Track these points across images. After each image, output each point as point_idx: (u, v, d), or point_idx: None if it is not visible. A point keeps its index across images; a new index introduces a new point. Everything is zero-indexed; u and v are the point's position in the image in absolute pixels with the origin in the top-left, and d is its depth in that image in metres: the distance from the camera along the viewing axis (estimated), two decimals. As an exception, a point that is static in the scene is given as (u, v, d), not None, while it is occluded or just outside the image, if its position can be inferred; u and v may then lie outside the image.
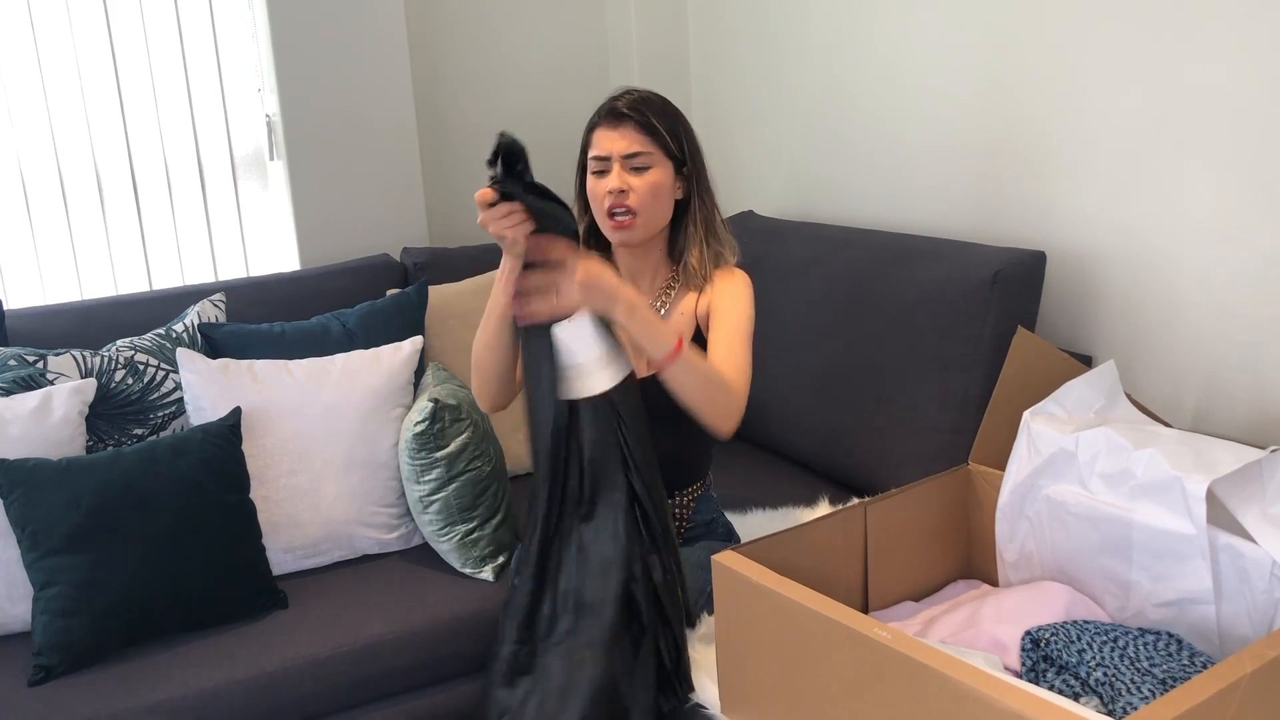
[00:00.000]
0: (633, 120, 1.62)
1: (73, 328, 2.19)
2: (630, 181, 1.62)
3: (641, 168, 1.62)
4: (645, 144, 1.62)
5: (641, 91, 1.68)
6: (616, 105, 1.64)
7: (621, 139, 1.62)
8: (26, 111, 2.45)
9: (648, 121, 1.63)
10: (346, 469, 2.00)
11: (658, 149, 1.63)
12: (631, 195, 1.62)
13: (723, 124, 2.94)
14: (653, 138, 1.63)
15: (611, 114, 1.64)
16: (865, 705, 1.17)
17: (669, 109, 1.68)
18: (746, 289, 1.70)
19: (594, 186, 1.65)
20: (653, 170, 1.63)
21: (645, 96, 1.67)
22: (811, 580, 1.30)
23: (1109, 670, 1.27)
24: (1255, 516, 1.30)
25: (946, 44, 2.17)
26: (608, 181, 1.62)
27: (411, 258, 2.56)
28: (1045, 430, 1.51)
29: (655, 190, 1.63)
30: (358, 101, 2.64)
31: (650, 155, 1.63)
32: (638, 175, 1.62)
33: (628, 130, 1.62)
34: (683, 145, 1.67)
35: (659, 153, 1.63)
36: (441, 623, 1.84)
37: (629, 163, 1.62)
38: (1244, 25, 1.63)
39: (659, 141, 1.63)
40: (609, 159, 1.63)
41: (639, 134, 1.62)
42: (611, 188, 1.62)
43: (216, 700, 1.67)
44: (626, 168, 1.62)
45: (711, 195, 1.72)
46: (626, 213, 1.62)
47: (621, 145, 1.62)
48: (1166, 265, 1.81)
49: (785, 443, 2.31)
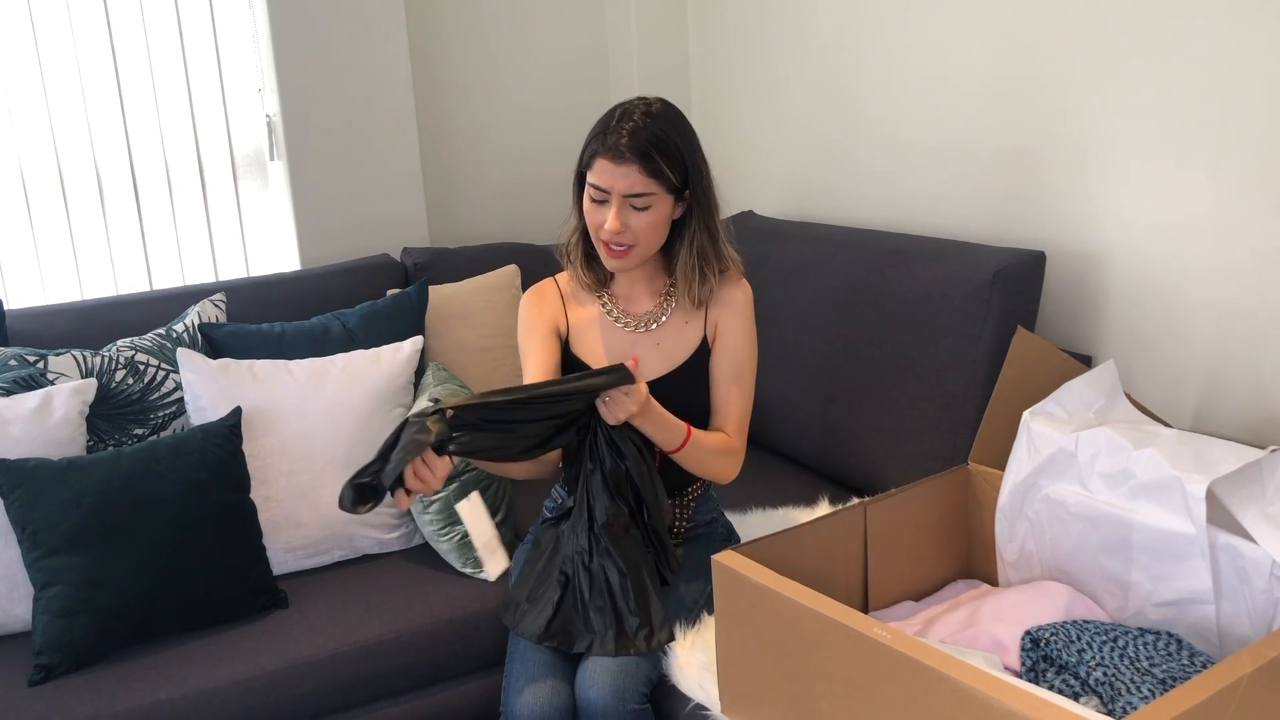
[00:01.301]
0: (637, 163, 1.56)
1: (73, 328, 2.20)
2: (629, 220, 1.59)
3: (642, 207, 1.59)
4: (647, 185, 1.58)
5: (645, 119, 1.58)
6: (620, 141, 1.56)
7: (624, 178, 1.57)
8: (26, 111, 2.46)
9: (653, 164, 1.57)
10: (347, 469, 2.00)
11: (660, 188, 1.59)
12: (628, 234, 1.60)
13: (723, 124, 2.94)
14: (656, 180, 1.58)
15: (615, 151, 1.56)
16: (865, 705, 1.17)
17: (673, 135, 1.60)
18: (751, 310, 1.72)
19: (590, 213, 1.63)
20: (653, 209, 1.60)
21: (649, 130, 1.57)
22: (811, 580, 1.30)
23: (1109, 670, 1.28)
24: (1255, 516, 1.30)
25: (947, 45, 2.17)
26: (606, 217, 1.59)
27: (411, 258, 2.56)
28: (1045, 430, 1.51)
29: (653, 227, 1.62)
30: (358, 101, 2.64)
31: (652, 196, 1.59)
32: (637, 214, 1.60)
33: (630, 170, 1.57)
34: (686, 174, 1.62)
35: (661, 191, 1.60)
36: (441, 622, 1.84)
37: (629, 201, 1.59)
38: (1244, 26, 1.63)
39: (662, 182, 1.59)
40: (609, 193, 1.59)
41: (642, 176, 1.57)
42: (609, 228, 1.59)
43: (216, 700, 1.67)
44: (626, 205, 1.59)
45: (713, 215, 1.68)
46: (624, 247, 1.62)
47: (623, 185, 1.57)
48: (1167, 265, 1.81)
49: (785, 443, 2.31)
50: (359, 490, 1.36)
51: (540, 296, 1.77)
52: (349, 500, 1.36)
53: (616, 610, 1.56)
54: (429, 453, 1.38)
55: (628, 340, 1.72)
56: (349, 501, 1.36)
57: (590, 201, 1.62)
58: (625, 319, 1.73)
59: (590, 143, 1.61)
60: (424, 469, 1.38)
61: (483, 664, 1.87)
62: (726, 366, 1.71)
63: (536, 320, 1.75)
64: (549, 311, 1.76)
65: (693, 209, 1.66)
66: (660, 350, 1.72)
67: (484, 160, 2.96)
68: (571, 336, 1.75)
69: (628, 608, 1.56)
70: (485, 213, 2.97)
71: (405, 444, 1.35)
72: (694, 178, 1.63)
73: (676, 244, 1.69)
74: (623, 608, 1.57)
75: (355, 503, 1.36)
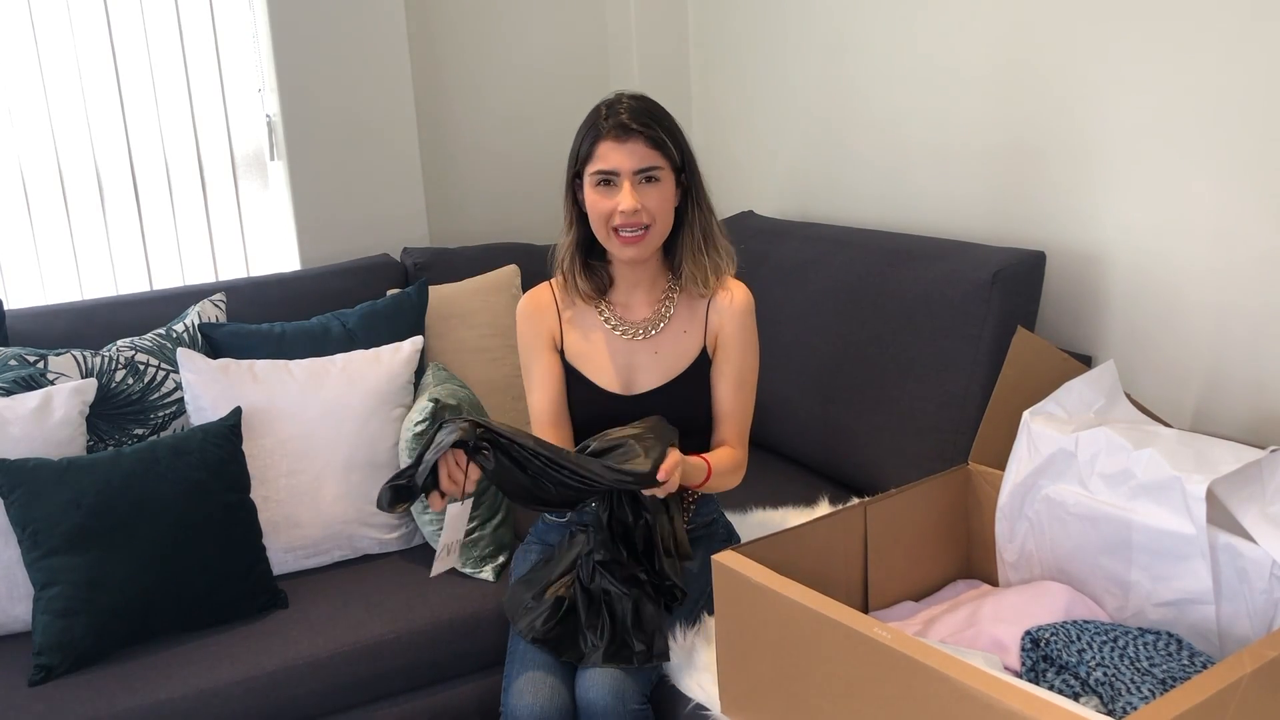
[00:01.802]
0: (641, 135, 1.58)
1: (73, 328, 2.20)
2: (643, 198, 1.59)
3: (653, 180, 1.60)
4: (655, 158, 1.59)
5: (635, 98, 1.63)
6: (621, 118, 1.59)
7: (631, 155, 1.58)
8: (26, 111, 2.46)
9: (656, 135, 1.59)
10: (347, 469, 2.00)
11: (665, 161, 1.61)
12: (644, 213, 1.60)
13: (723, 124, 2.94)
14: (661, 151, 1.60)
15: (619, 128, 1.58)
16: (865, 705, 1.17)
17: (667, 115, 1.65)
18: (752, 315, 1.71)
19: (598, 202, 1.61)
20: (662, 183, 1.61)
21: (645, 106, 1.62)
22: (811, 580, 1.30)
23: (1109, 670, 1.28)
24: (1255, 516, 1.30)
25: (947, 45, 2.17)
26: (619, 199, 1.59)
27: (411, 258, 2.56)
28: (1045, 430, 1.51)
29: (665, 204, 1.62)
30: (358, 101, 2.64)
31: (660, 169, 1.60)
32: (649, 190, 1.60)
33: (637, 145, 1.58)
34: (684, 153, 1.65)
35: (666, 165, 1.61)
36: (442, 623, 1.84)
37: (641, 177, 1.59)
38: (1244, 27, 1.63)
39: (666, 154, 1.60)
40: (617, 173, 1.59)
41: (648, 148, 1.58)
42: (625, 207, 1.58)
43: (216, 700, 1.67)
44: (638, 182, 1.59)
45: (708, 200, 1.69)
46: (640, 229, 1.61)
47: (632, 161, 1.58)
48: (1166, 265, 1.81)
49: (785, 443, 2.31)
50: (396, 491, 1.41)
51: (535, 309, 1.75)
52: (386, 500, 1.41)
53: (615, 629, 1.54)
54: (460, 454, 1.41)
55: (625, 349, 1.72)
56: (386, 502, 1.41)
57: (595, 195, 1.62)
58: (623, 326, 1.73)
59: (584, 136, 1.62)
60: (455, 470, 1.41)
61: (483, 664, 1.87)
62: (729, 375, 1.70)
63: (533, 341, 1.74)
64: (544, 328, 1.75)
65: (690, 193, 1.67)
66: (658, 359, 1.71)
67: (484, 160, 2.95)
68: (566, 345, 1.74)
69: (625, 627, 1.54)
70: (485, 213, 2.97)
71: (436, 443, 1.41)
72: (688, 159, 1.66)
73: (679, 233, 1.69)
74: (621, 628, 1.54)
75: (393, 503, 1.41)
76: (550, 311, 1.75)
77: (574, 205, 1.69)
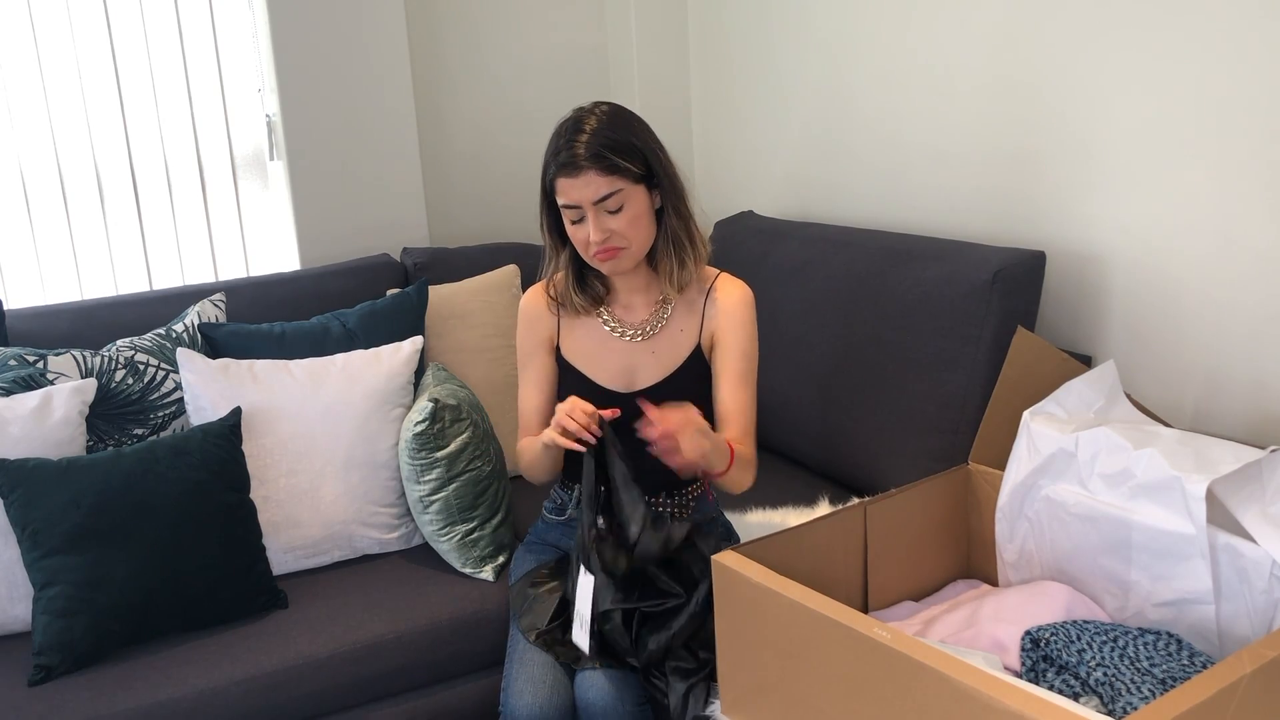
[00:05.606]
0: (592, 167, 1.55)
1: (73, 328, 2.20)
2: (608, 225, 1.58)
3: (615, 208, 1.58)
4: (611, 183, 1.56)
5: (589, 118, 1.59)
6: (574, 151, 1.55)
7: (586, 186, 1.56)
8: (26, 111, 2.46)
9: (607, 162, 1.55)
10: (346, 469, 2.00)
11: (626, 182, 1.58)
12: (615, 237, 1.59)
13: (722, 124, 2.94)
14: (617, 175, 1.56)
15: (569, 165, 1.56)
16: (865, 705, 1.17)
17: (621, 132, 1.58)
18: (750, 312, 1.70)
19: (574, 231, 1.61)
20: (628, 204, 1.58)
21: (597, 135, 1.56)
22: (811, 580, 1.30)
23: (1109, 670, 1.27)
24: (1255, 516, 1.30)
25: (947, 45, 2.17)
26: (586, 230, 1.59)
27: (411, 258, 2.56)
28: (1045, 430, 1.51)
29: (635, 221, 1.60)
30: (358, 101, 2.64)
31: (620, 192, 1.57)
32: (614, 216, 1.58)
33: (590, 178, 1.55)
34: (648, 163, 1.61)
35: (628, 185, 1.58)
36: (441, 622, 1.84)
37: (602, 206, 1.57)
38: (1244, 27, 1.63)
39: (624, 176, 1.57)
40: (579, 207, 1.58)
41: (601, 177, 1.55)
42: (593, 239, 1.58)
43: (216, 700, 1.67)
44: (600, 211, 1.57)
45: (683, 199, 1.66)
46: (612, 250, 1.60)
47: (588, 193, 1.56)
48: (1166, 265, 1.81)
49: (785, 443, 2.31)
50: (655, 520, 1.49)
51: (536, 310, 1.76)
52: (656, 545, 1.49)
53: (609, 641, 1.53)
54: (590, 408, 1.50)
55: (625, 349, 1.72)
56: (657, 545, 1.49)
57: (569, 224, 1.62)
58: (622, 328, 1.73)
59: (546, 166, 1.61)
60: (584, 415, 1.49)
61: (483, 664, 1.87)
62: (728, 371, 1.69)
63: (530, 343, 1.76)
64: (542, 329, 1.75)
65: (665, 201, 1.65)
66: (656, 359, 1.71)
67: (484, 160, 2.95)
68: (565, 345, 1.74)
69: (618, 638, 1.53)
70: (485, 213, 2.97)
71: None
72: (655, 164, 1.62)
73: (654, 247, 1.68)
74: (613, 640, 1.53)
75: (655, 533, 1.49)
76: (550, 314, 1.75)
77: (555, 231, 1.68)
